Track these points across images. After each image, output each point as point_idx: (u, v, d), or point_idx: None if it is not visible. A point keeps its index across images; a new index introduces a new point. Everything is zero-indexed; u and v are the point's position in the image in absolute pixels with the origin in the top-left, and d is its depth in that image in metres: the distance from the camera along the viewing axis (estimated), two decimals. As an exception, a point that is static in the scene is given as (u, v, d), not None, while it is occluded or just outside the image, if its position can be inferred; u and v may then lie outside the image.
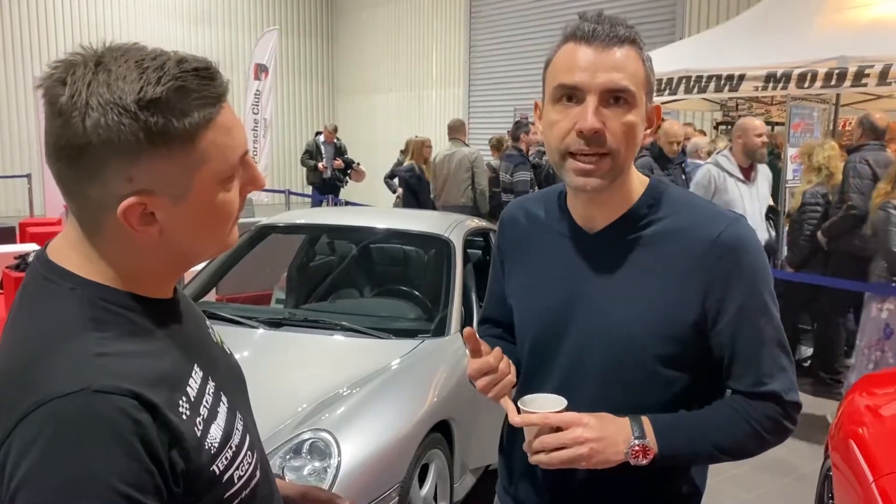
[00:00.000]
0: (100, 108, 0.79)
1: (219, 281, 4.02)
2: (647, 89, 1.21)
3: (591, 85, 1.17)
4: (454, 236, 3.70)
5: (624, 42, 1.18)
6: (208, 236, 0.91)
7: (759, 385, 1.24)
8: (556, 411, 1.19)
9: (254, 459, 0.97)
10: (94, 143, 0.79)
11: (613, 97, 1.18)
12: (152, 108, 0.80)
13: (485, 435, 3.19)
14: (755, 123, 5.07)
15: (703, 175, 5.06)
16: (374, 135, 16.44)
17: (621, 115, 1.18)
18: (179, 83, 0.81)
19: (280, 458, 2.42)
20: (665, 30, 10.43)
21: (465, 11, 14.12)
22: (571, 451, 1.16)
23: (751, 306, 1.23)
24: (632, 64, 1.18)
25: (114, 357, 0.81)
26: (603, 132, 1.17)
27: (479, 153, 7.74)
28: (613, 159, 1.19)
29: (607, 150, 1.18)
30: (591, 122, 1.16)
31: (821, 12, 6.21)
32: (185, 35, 15.48)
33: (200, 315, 1.07)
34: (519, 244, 1.43)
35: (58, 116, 0.80)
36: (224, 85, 0.87)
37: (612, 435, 1.19)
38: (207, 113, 0.84)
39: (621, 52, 1.18)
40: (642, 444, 1.19)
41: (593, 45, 1.18)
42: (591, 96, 1.17)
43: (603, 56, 1.17)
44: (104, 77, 0.80)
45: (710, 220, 1.25)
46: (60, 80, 0.81)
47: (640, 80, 1.19)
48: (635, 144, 1.21)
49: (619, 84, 1.17)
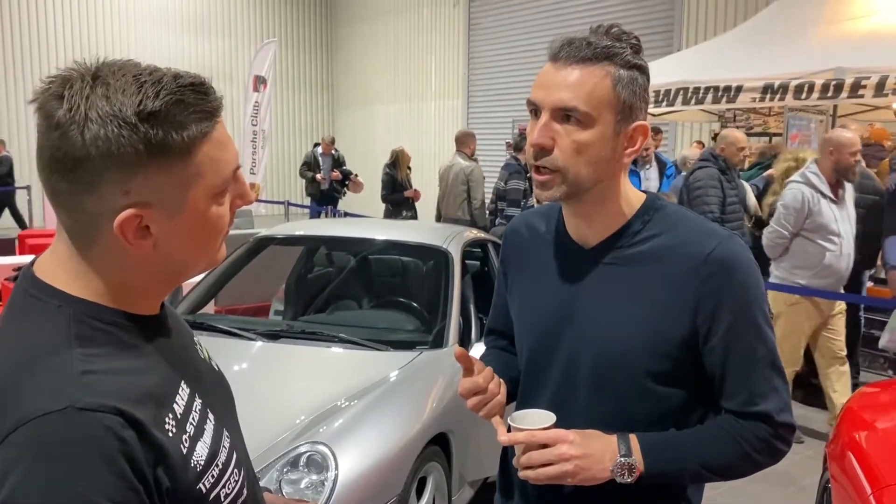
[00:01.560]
0: (99, 121, 0.79)
1: (217, 292, 4.02)
2: (618, 109, 1.21)
3: (544, 102, 1.21)
4: (452, 247, 3.70)
5: (589, 60, 1.19)
6: (199, 251, 0.91)
7: (751, 405, 1.24)
8: (545, 427, 1.20)
9: (240, 477, 0.96)
10: (93, 154, 0.79)
11: (564, 115, 1.20)
12: (152, 120, 0.80)
13: (483, 448, 3.18)
14: (850, 139, 4.51)
15: (793, 196, 4.50)
16: (374, 146, 16.48)
17: (572, 133, 1.20)
18: (177, 97, 0.82)
19: (277, 471, 2.41)
20: (663, 41, 10.48)
21: (464, 24, 14.20)
22: (557, 467, 1.17)
23: (742, 325, 1.23)
24: (590, 83, 1.18)
25: (99, 374, 0.81)
26: (550, 147, 1.21)
27: (477, 166, 7.63)
28: (563, 175, 1.21)
29: (554, 166, 1.21)
30: (535, 137, 1.22)
31: (818, 24, 6.25)
32: (185, 47, 15.56)
33: (188, 331, 1.07)
34: (520, 257, 1.45)
35: (55, 129, 0.80)
36: (218, 100, 0.88)
37: (597, 452, 1.19)
38: (204, 127, 0.85)
39: (580, 72, 1.19)
40: (628, 461, 1.19)
41: (556, 63, 1.21)
42: (544, 112, 1.21)
43: (560, 75, 1.20)
44: (102, 90, 0.80)
45: (703, 237, 1.25)
46: (56, 94, 0.81)
47: (602, 100, 1.19)
48: (593, 162, 1.21)
49: (566, 104, 1.19)
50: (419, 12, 15.31)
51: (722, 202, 5.05)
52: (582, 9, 11.69)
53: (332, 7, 17.82)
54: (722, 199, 5.05)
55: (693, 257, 1.23)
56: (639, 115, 1.24)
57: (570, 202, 1.28)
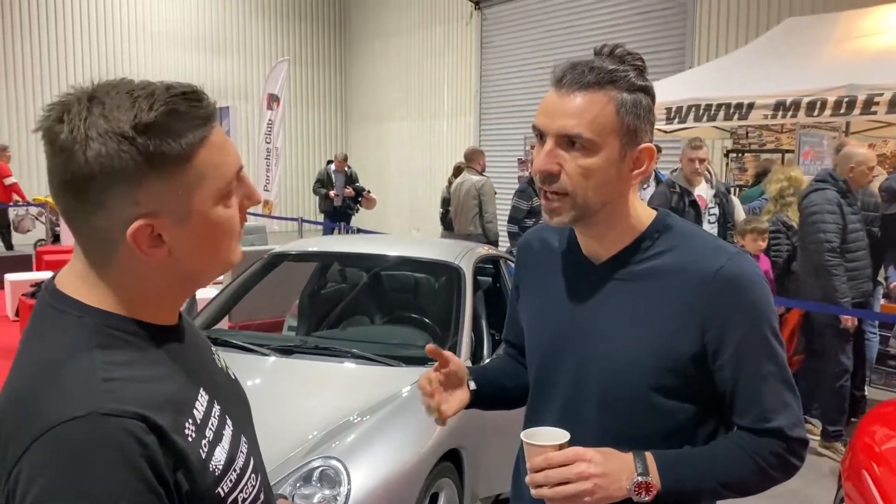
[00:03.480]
0: (99, 139, 0.82)
1: (231, 308, 4.05)
2: (622, 133, 1.22)
3: (549, 129, 1.23)
4: (464, 263, 3.72)
5: (592, 86, 1.20)
6: (213, 253, 0.93)
7: (764, 421, 1.24)
8: (559, 444, 1.19)
9: (258, 482, 0.98)
10: (97, 172, 0.83)
11: (569, 141, 1.22)
12: (148, 132, 0.84)
13: (495, 464, 3.18)
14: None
15: None
16: (387, 163, 16.57)
17: (577, 159, 1.22)
18: (170, 107, 0.85)
19: (290, 486, 2.43)
20: (675, 59, 10.50)
21: (476, 42, 14.28)
22: (575, 486, 1.16)
23: (751, 342, 1.23)
24: (593, 110, 1.20)
25: (120, 382, 0.83)
26: (555, 173, 1.23)
27: (488, 181, 7.70)
28: (572, 199, 1.24)
29: (563, 190, 1.23)
30: (540, 164, 1.24)
31: (829, 41, 6.25)
32: (200, 66, 15.73)
33: (206, 341, 1.09)
34: (532, 270, 1.47)
35: (60, 153, 0.84)
36: (212, 106, 0.91)
37: (615, 471, 1.19)
38: (200, 133, 0.88)
39: (583, 98, 1.21)
40: (645, 480, 1.19)
41: (560, 90, 1.23)
42: (549, 139, 1.24)
43: (563, 102, 1.22)
44: (99, 110, 0.84)
45: (712, 254, 1.26)
46: (57, 119, 0.85)
47: (606, 125, 1.20)
48: (599, 186, 1.23)
49: (570, 131, 1.21)
50: (432, 31, 15.42)
51: (842, 229, 4.48)
52: (594, 27, 11.75)
53: (346, 26, 17.99)
54: (842, 227, 4.48)
55: (701, 274, 1.24)
56: (644, 137, 1.25)
57: (579, 224, 1.30)
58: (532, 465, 1.19)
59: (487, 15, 14.12)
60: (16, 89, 13.82)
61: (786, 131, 8.17)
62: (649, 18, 11.06)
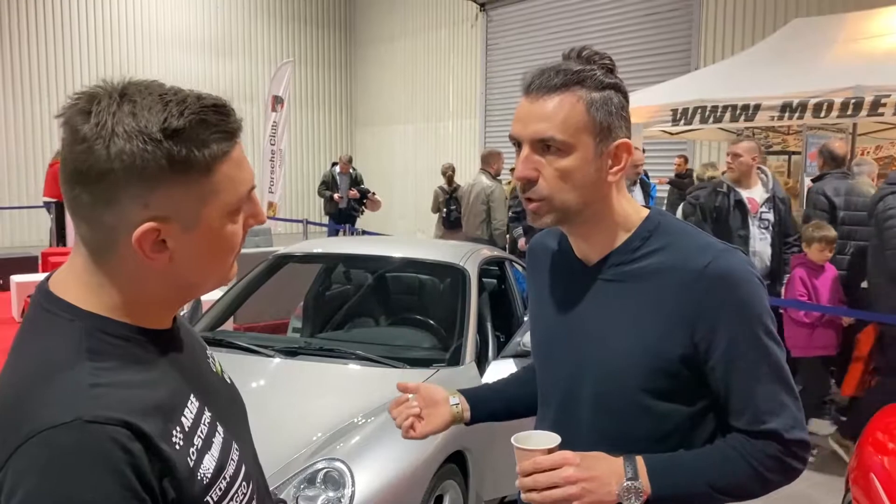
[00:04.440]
0: (125, 136, 0.82)
1: (236, 310, 4.05)
2: (596, 131, 1.22)
3: (523, 135, 1.25)
4: (469, 265, 3.71)
5: (559, 88, 1.21)
6: (213, 267, 0.93)
7: (759, 423, 1.22)
8: (549, 448, 1.18)
9: (249, 490, 0.97)
10: (117, 168, 0.82)
11: (544, 145, 1.22)
12: (176, 137, 0.83)
13: (500, 466, 3.17)
14: None
15: None
16: (392, 165, 16.59)
17: (554, 162, 1.22)
18: (201, 116, 0.85)
19: (294, 488, 2.42)
20: (680, 60, 10.49)
21: (481, 44, 14.30)
22: (563, 490, 1.16)
23: (741, 341, 1.20)
24: (563, 111, 1.21)
25: (108, 387, 0.82)
26: (535, 178, 1.24)
27: (499, 187, 7.53)
28: (550, 203, 1.24)
29: (540, 196, 1.24)
30: (518, 171, 1.25)
31: (836, 42, 6.23)
32: (206, 68, 15.79)
33: (201, 345, 1.08)
34: (535, 274, 1.47)
35: (81, 143, 0.83)
36: (238, 122, 0.91)
37: (603, 475, 1.18)
38: (225, 146, 0.88)
39: (553, 102, 1.21)
40: (634, 485, 1.17)
41: (530, 95, 1.25)
42: (524, 145, 1.25)
43: (534, 107, 1.23)
44: (129, 108, 0.83)
45: (699, 252, 1.23)
46: (83, 109, 0.84)
47: (577, 125, 1.21)
48: (580, 186, 1.23)
49: (544, 134, 1.21)
50: (437, 33, 15.44)
51: None
52: (599, 29, 11.75)
53: (352, 28, 18.02)
54: None
55: (688, 272, 1.22)
56: (619, 133, 1.24)
57: (564, 226, 1.30)
58: (521, 468, 1.19)
59: (493, 17, 14.14)
60: (22, 94, 13.87)
61: (792, 133, 8.16)
62: (655, 20, 11.05)
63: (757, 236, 4.79)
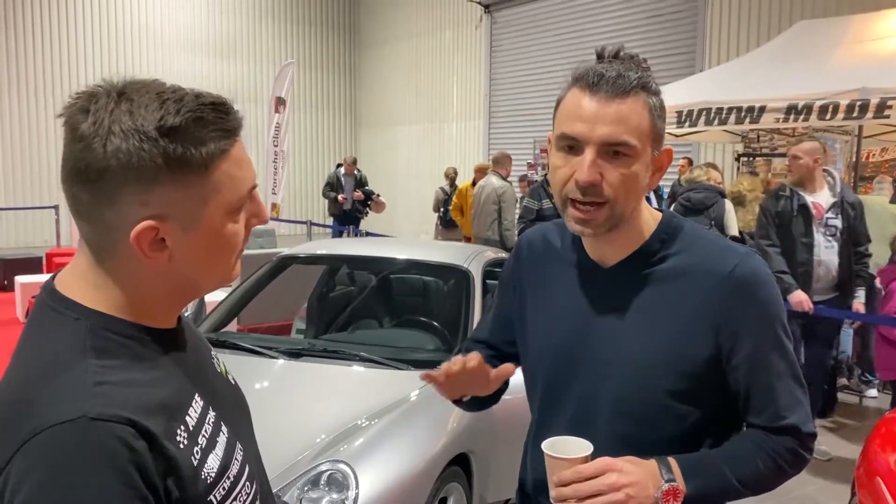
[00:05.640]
0: (121, 134, 0.82)
1: (240, 311, 4.05)
2: (653, 137, 1.21)
3: (591, 137, 1.18)
4: (473, 267, 3.71)
5: (629, 92, 1.18)
6: (214, 266, 0.93)
7: (779, 419, 1.25)
8: (585, 456, 1.15)
9: (252, 490, 0.97)
10: (114, 166, 0.82)
11: (612, 150, 1.18)
12: (172, 135, 0.83)
13: (504, 468, 3.16)
14: None
15: None
16: (396, 167, 16.60)
17: (620, 167, 1.19)
18: (198, 114, 0.85)
19: (298, 490, 2.42)
20: (685, 62, 10.48)
21: (485, 46, 14.30)
22: (607, 497, 1.12)
23: (765, 341, 1.24)
24: (636, 116, 1.18)
25: (112, 385, 0.82)
26: (600, 183, 1.18)
27: (510, 188, 7.64)
28: (611, 208, 1.21)
29: (604, 199, 1.20)
30: (587, 176, 1.18)
31: (842, 44, 6.21)
32: (210, 70, 15.81)
33: (206, 345, 1.08)
34: (534, 272, 1.43)
35: (79, 141, 0.83)
36: (238, 120, 0.90)
37: (643, 479, 1.16)
38: (223, 144, 0.88)
39: (625, 105, 1.17)
40: (672, 486, 1.17)
41: (597, 95, 1.18)
42: (589, 148, 1.18)
43: (605, 108, 1.17)
44: (126, 106, 0.84)
45: (723, 255, 1.25)
46: (83, 108, 0.84)
47: (644, 131, 1.19)
48: (636, 192, 1.22)
49: (618, 139, 1.17)
50: (441, 35, 15.45)
51: None
52: (603, 31, 11.73)
53: (356, 30, 18.04)
54: None
55: (713, 275, 1.23)
56: (663, 139, 1.25)
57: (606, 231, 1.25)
58: (560, 478, 1.14)
59: (497, 19, 14.13)
60: (27, 95, 13.91)
61: (797, 135, 8.12)
62: (660, 21, 11.04)
63: (822, 244, 4.48)
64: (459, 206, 9.06)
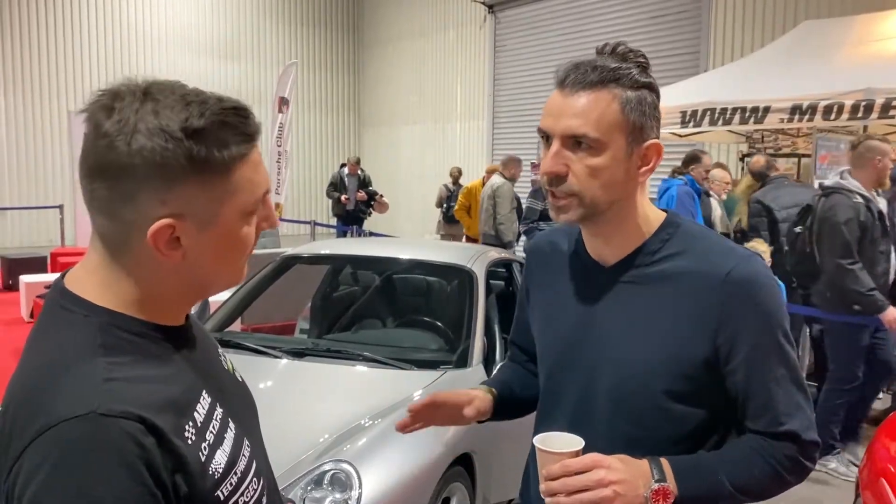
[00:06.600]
0: (147, 133, 0.84)
1: (244, 311, 4.06)
2: (628, 130, 1.21)
3: (554, 130, 1.23)
4: (477, 267, 3.71)
5: (594, 86, 1.20)
6: (225, 267, 0.95)
7: (778, 425, 1.23)
8: (575, 451, 1.16)
9: (259, 486, 0.98)
10: (137, 164, 0.84)
11: (575, 142, 1.21)
12: (196, 137, 0.85)
13: (507, 468, 3.16)
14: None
15: None
16: (400, 167, 16.60)
17: (585, 159, 1.21)
18: (221, 118, 0.88)
19: (301, 489, 2.42)
20: (689, 62, 10.45)
21: (489, 45, 14.29)
22: (594, 493, 1.13)
23: (763, 345, 1.22)
24: (598, 109, 1.19)
25: (122, 382, 0.84)
26: (563, 174, 1.22)
27: (506, 184, 7.82)
28: (580, 199, 1.23)
29: (570, 192, 1.22)
30: (546, 165, 1.23)
31: (846, 44, 6.20)
32: (214, 71, 15.82)
33: (213, 343, 1.10)
34: (542, 274, 1.46)
35: (102, 138, 0.85)
36: (257, 125, 0.93)
37: (633, 478, 1.16)
38: (244, 148, 0.90)
39: (588, 98, 1.20)
40: (662, 486, 1.17)
41: (564, 90, 1.22)
42: (555, 140, 1.23)
43: (568, 102, 1.21)
44: (152, 106, 0.85)
45: (722, 257, 1.25)
46: (106, 106, 0.86)
47: (610, 123, 1.20)
48: (610, 184, 1.22)
49: (576, 131, 1.20)
50: (445, 34, 15.44)
51: None
52: (607, 31, 11.72)
53: (359, 29, 18.04)
54: None
55: (712, 276, 1.23)
56: (650, 133, 1.24)
57: (587, 223, 1.29)
58: (548, 472, 1.15)
59: (501, 18, 14.12)
60: (32, 95, 13.92)
61: (802, 135, 8.10)
62: (663, 21, 11.02)
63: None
64: (467, 206, 9.14)
